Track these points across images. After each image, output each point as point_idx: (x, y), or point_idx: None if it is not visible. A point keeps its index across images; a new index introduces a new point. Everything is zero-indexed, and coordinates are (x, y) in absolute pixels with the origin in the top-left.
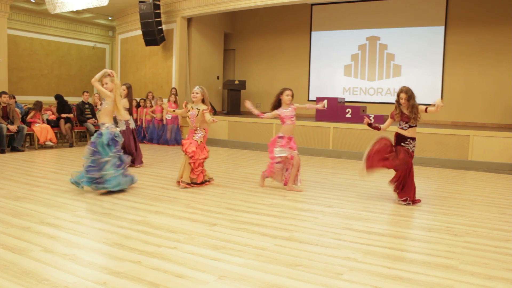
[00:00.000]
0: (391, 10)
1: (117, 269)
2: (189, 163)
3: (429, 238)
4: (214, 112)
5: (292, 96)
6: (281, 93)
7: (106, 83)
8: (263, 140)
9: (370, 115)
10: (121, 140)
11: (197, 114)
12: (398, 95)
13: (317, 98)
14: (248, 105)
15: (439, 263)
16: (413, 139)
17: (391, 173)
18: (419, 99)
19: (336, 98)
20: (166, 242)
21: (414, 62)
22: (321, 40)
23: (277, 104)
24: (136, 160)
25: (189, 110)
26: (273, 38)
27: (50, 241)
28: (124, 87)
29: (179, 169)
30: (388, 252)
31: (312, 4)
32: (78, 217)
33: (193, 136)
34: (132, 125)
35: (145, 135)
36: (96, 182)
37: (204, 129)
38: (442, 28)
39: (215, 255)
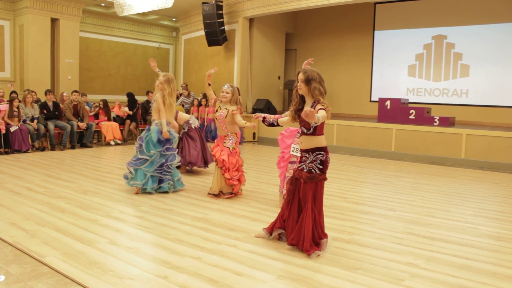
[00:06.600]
0: (459, 7)
1: (178, 264)
2: (222, 174)
3: (498, 247)
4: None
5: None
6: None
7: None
8: None
9: (435, 117)
10: (174, 138)
11: (226, 115)
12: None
13: (379, 99)
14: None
15: (509, 275)
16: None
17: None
18: (490, 102)
19: (399, 99)
20: (226, 240)
21: (483, 61)
22: (384, 39)
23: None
24: None
25: (216, 110)
26: (335, 37)
27: (115, 233)
28: None
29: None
30: (452, 259)
31: (376, 3)
32: (142, 212)
33: (224, 143)
34: None
35: (208, 134)
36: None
37: (235, 133)
38: None
39: (274, 255)
